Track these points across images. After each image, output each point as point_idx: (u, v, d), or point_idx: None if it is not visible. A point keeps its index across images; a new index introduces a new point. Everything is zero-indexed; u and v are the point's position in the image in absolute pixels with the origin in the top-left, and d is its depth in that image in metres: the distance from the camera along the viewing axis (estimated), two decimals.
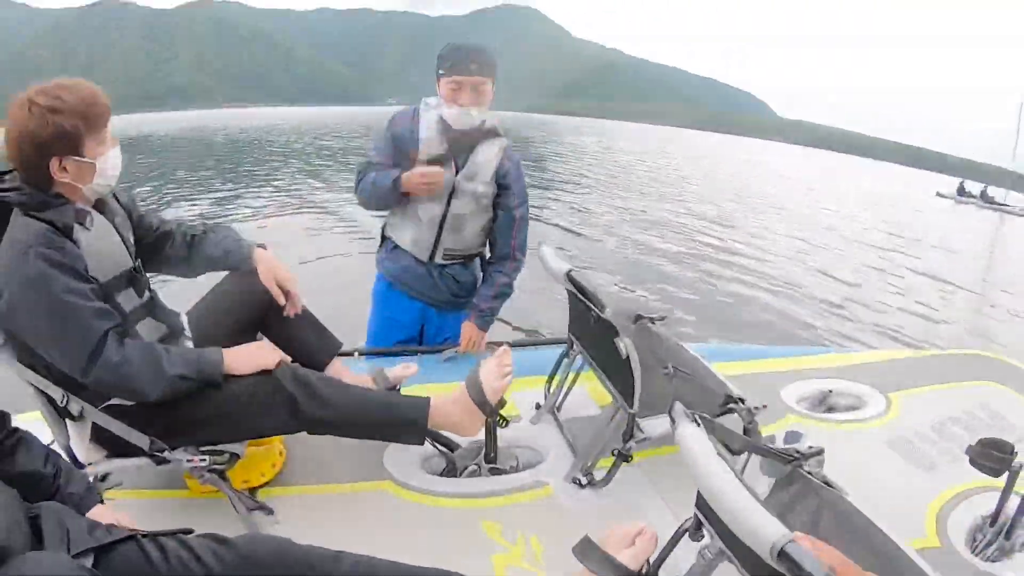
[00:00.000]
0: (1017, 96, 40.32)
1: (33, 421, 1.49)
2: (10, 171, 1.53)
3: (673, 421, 1.13)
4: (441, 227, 2.28)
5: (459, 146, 2.22)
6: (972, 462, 1.44)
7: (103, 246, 1.54)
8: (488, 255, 2.49)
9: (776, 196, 18.18)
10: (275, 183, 14.22)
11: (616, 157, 30.18)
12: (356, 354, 2.31)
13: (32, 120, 1.41)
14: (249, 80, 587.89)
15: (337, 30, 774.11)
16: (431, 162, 2.18)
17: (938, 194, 34.63)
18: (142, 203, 1.80)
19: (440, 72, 2.18)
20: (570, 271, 1.87)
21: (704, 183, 20.29)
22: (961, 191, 33.82)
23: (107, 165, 1.52)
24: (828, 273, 8.17)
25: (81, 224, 1.49)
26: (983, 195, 32.57)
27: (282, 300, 1.78)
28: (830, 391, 2.36)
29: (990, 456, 1.40)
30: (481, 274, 2.48)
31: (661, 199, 14.83)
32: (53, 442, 1.52)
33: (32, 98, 1.43)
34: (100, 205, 1.59)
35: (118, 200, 1.68)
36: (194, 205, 11.26)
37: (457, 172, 2.23)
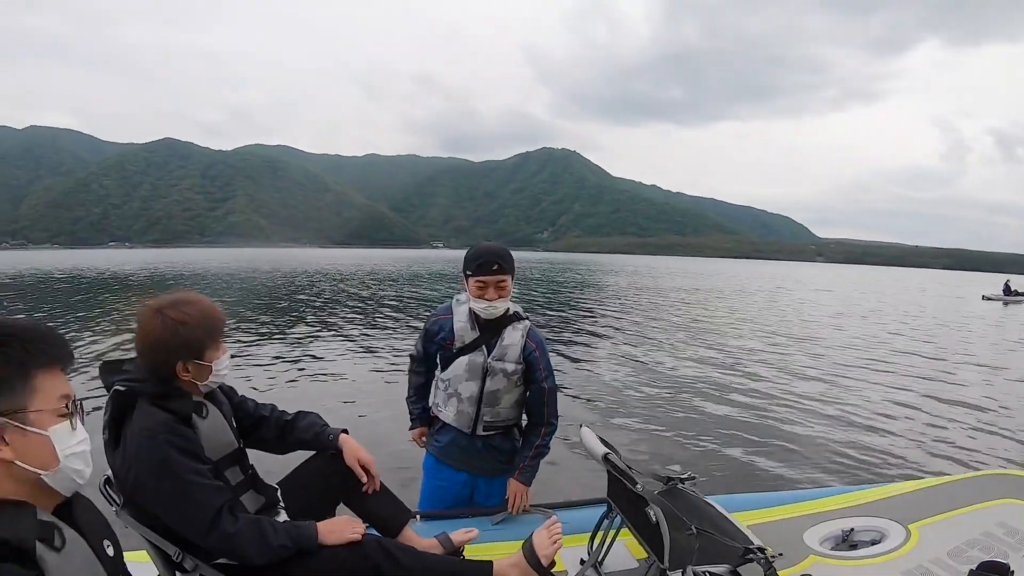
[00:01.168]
0: None
1: (140, 562, 1.82)
2: (129, 360, 1.87)
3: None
4: (479, 403, 2.59)
5: (488, 332, 2.58)
6: None
7: (215, 431, 1.89)
8: (525, 423, 2.80)
9: (804, 329, 17.02)
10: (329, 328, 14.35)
11: (643, 295, 30.20)
12: (418, 517, 2.52)
13: (163, 329, 1.76)
14: (301, 221, 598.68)
15: (385, 175, 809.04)
16: (464, 349, 2.58)
17: (984, 297, 34.23)
18: None
19: (467, 272, 2.54)
20: (607, 454, 2.17)
21: (727, 317, 19.97)
22: (1008, 291, 33.84)
23: (221, 367, 1.88)
24: (855, 408, 7.98)
25: (198, 414, 1.84)
26: None
27: (364, 478, 2.12)
28: (851, 529, 2.39)
29: None
30: (520, 441, 2.77)
31: (695, 335, 14.99)
32: None
33: (163, 309, 1.77)
34: (209, 395, 1.94)
35: (221, 389, 2.02)
36: (257, 345, 11.66)
37: (489, 355, 2.57)
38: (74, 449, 1.21)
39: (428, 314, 2.83)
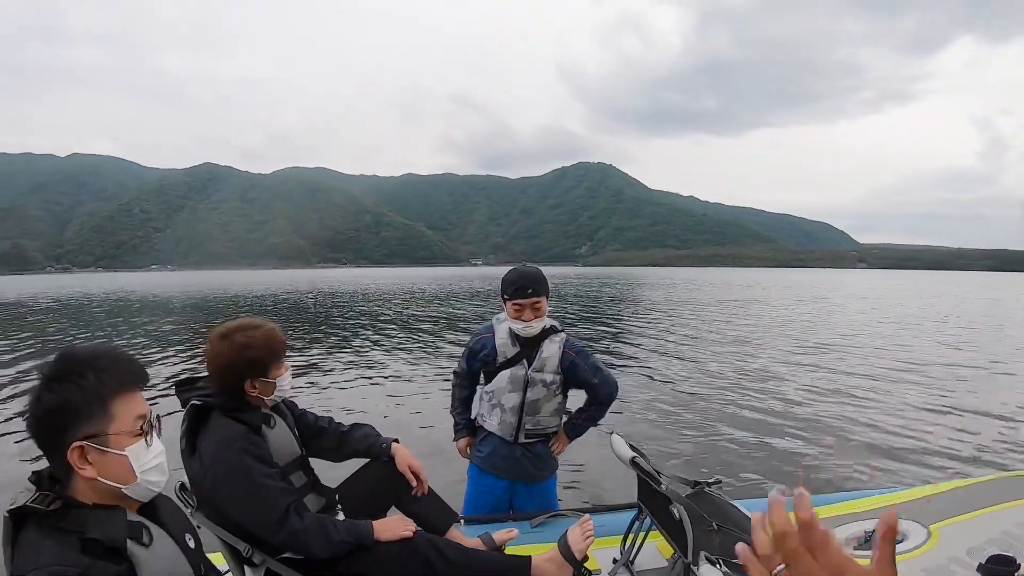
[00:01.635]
0: None
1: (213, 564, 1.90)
2: (202, 377, 2.12)
3: (711, 563, 1.54)
4: (521, 411, 2.80)
5: (528, 347, 2.79)
6: None
7: (281, 440, 2.13)
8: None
9: (835, 336, 17.01)
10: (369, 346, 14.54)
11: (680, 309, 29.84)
12: (462, 520, 2.64)
13: (231, 352, 2.01)
14: (340, 242, 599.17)
15: (422, 194, 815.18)
16: (506, 363, 2.79)
17: None
18: None
19: (505, 296, 2.76)
20: (634, 458, 2.31)
21: (764, 329, 19.01)
22: None
23: (284, 383, 2.12)
24: (882, 413, 7.98)
25: (267, 425, 2.08)
26: None
27: (414, 483, 2.35)
28: (873, 530, 2.40)
29: (997, 572, 1.56)
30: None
31: (726, 345, 15.06)
32: None
33: (229, 334, 2.03)
34: (274, 408, 2.19)
35: (284, 403, 2.27)
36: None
37: (529, 367, 2.77)
38: (150, 464, 1.31)
39: (469, 334, 3.07)
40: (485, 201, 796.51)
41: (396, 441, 2.42)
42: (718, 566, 1.51)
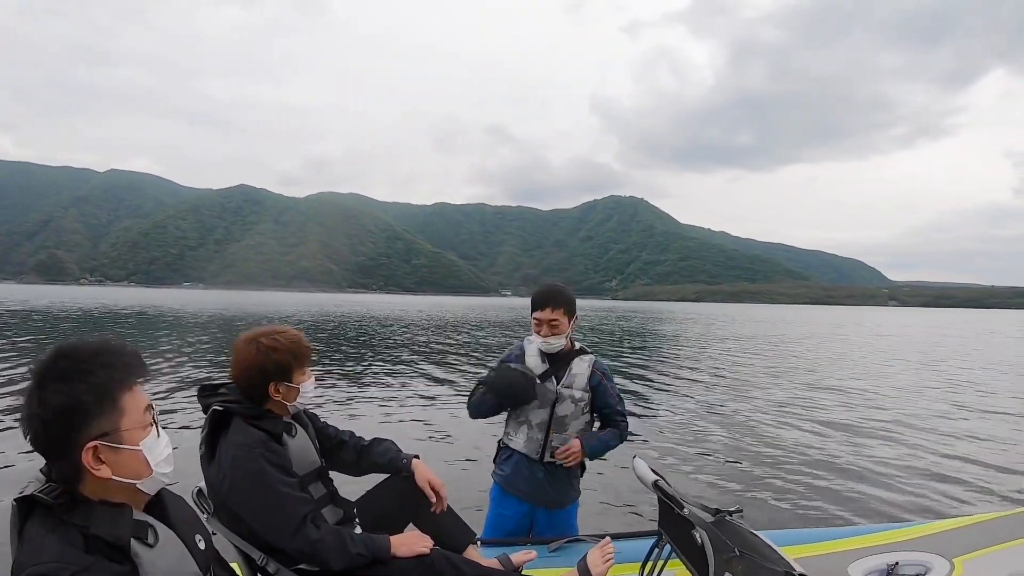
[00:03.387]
0: None
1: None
2: (225, 384, 2.11)
3: None
4: (548, 428, 2.80)
5: (557, 364, 2.85)
6: None
7: (302, 449, 2.10)
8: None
9: (861, 371, 17.55)
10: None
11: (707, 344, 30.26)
12: (479, 542, 2.60)
13: (257, 354, 2.02)
14: (372, 267, 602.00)
15: (454, 224, 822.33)
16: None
17: None
18: None
19: (532, 311, 2.85)
20: (656, 481, 2.27)
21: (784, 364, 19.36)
22: None
23: (307, 389, 2.13)
24: (907, 448, 8.00)
25: (287, 433, 2.07)
26: None
27: (433, 499, 2.33)
28: (896, 563, 2.41)
29: None
30: (578, 478, 3.00)
31: (747, 379, 15.03)
32: None
33: (257, 338, 2.05)
34: (295, 418, 2.18)
35: (305, 415, 2.27)
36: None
37: (558, 384, 2.82)
38: (163, 454, 1.29)
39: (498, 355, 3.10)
40: (517, 232, 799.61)
41: (416, 457, 2.41)
42: None
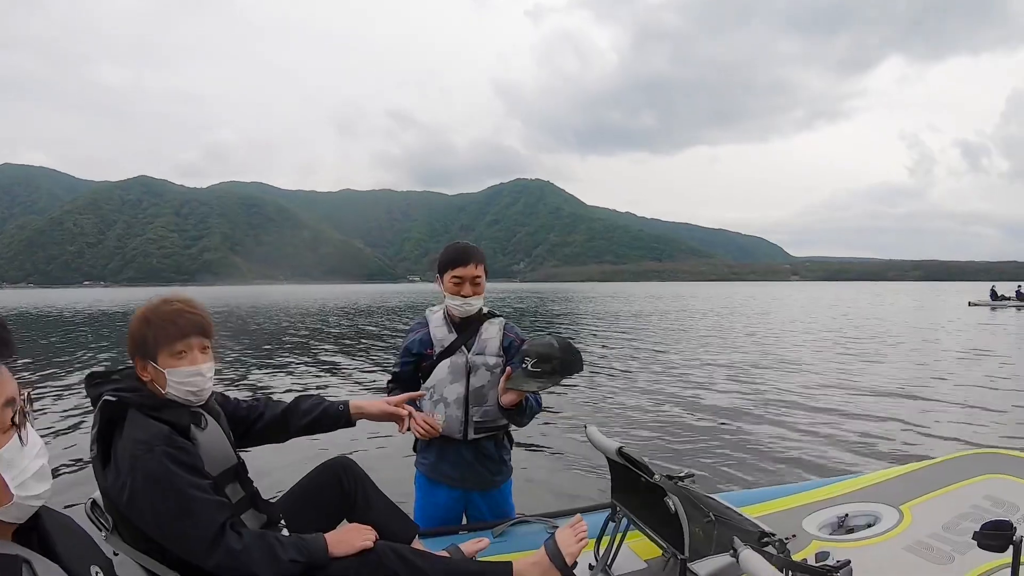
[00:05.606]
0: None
1: None
2: (120, 369, 1.75)
3: (735, 551, 1.49)
4: (467, 403, 2.56)
5: (466, 332, 2.62)
6: (980, 545, 1.62)
7: (214, 445, 1.74)
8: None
9: (774, 340, 18.97)
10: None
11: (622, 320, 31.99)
12: (416, 535, 2.39)
13: (133, 322, 1.69)
14: (276, 258, 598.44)
15: (359, 211, 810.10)
16: (443, 353, 2.59)
17: (971, 304, 35.70)
18: None
19: (442, 271, 2.59)
20: (621, 448, 2.13)
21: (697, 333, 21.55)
22: (994, 296, 36.11)
23: (180, 377, 1.68)
24: (840, 405, 8.57)
25: (196, 425, 1.70)
26: (1019, 295, 34.22)
27: (406, 416, 2.18)
28: (846, 515, 2.49)
29: (993, 536, 1.59)
30: (508, 452, 2.77)
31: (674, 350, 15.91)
32: None
33: (148, 304, 1.71)
34: (207, 407, 1.79)
35: (216, 400, 1.89)
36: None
37: (469, 351, 2.60)
38: (30, 469, 0.95)
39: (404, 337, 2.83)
40: (423, 218, 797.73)
41: (347, 401, 2.16)
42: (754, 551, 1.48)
